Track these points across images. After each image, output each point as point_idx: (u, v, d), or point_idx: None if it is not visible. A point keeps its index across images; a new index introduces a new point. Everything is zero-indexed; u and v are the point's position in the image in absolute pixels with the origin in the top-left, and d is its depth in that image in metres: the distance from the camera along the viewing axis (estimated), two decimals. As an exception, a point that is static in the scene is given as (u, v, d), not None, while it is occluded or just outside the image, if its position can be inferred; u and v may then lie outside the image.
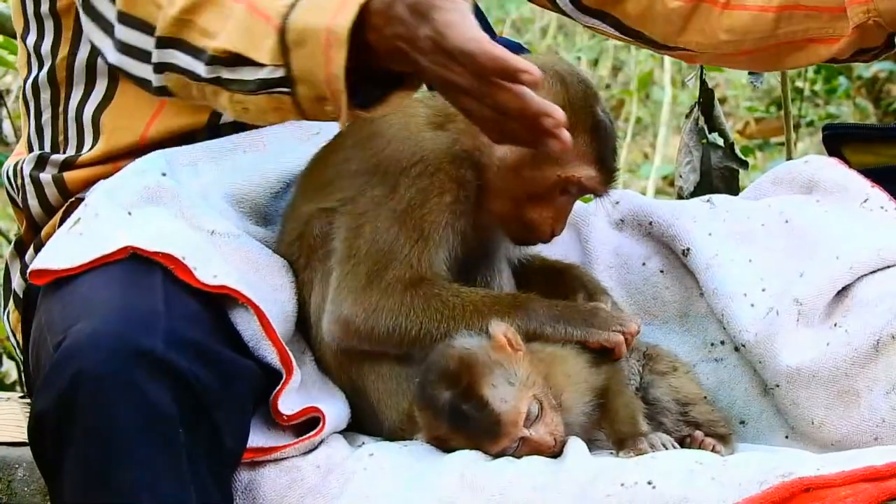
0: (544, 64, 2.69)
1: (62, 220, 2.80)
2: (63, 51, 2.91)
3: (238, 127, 2.87)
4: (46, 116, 2.95)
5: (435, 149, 2.67)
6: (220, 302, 2.51)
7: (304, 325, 2.72)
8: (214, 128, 2.88)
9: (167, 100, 2.81)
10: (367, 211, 2.66)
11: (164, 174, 2.71)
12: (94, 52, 2.86)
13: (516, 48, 3.26)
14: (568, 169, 2.64)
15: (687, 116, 4.07)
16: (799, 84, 7.44)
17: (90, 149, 2.88)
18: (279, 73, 2.38)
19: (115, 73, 2.85)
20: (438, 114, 2.73)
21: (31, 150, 2.99)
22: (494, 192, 2.68)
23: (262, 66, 2.39)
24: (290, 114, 2.44)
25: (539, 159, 2.63)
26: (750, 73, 4.00)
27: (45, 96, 2.95)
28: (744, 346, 2.76)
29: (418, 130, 2.70)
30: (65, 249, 2.53)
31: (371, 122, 2.76)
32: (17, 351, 3.01)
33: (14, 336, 2.99)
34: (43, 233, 2.92)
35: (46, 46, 2.93)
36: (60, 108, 2.93)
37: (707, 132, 4.01)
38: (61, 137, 2.93)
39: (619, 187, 2.85)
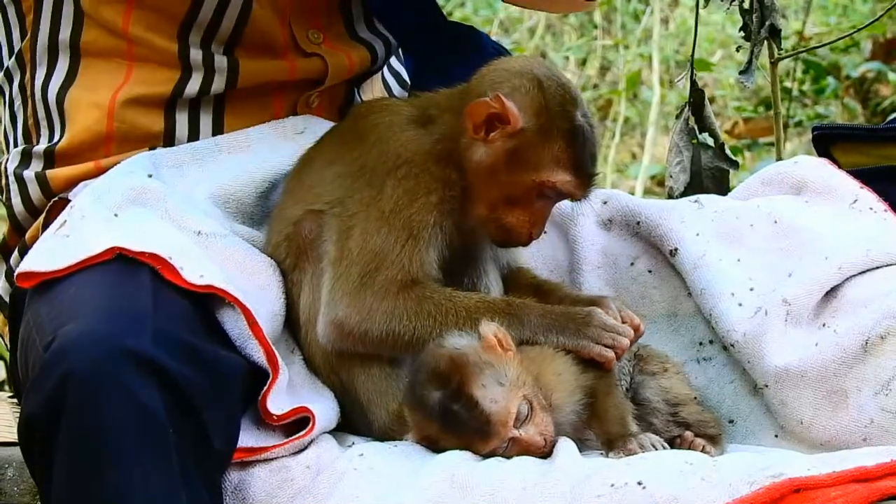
0: (523, 67, 2.68)
1: (45, 222, 2.79)
2: (28, 33, 2.91)
3: (215, 110, 2.88)
4: (18, 102, 2.96)
5: (419, 150, 2.67)
6: (208, 301, 2.51)
7: (292, 326, 2.72)
8: (179, 100, 2.89)
9: (133, 70, 2.82)
10: (356, 213, 2.66)
11: (150, 175, 2.71)
12: (55, 30, 2.87)
13: (501, 51, 3.24)
14: (543, 173, 2.64)
15: (677, 116, 4.06)
16: (787, 84, 7.45)
17: (62, 135, 2.88)
18: None
19: (78, 50, 2.86)
20: (421, 113, 2.73)
21: (7, 142, 2.99)
22: (474, 194, 2.68)
23: None
24: None
25: (514, 163, 2.63)
26: (739, 73, 4.00)
27: (16, 81, 2.96)
28: (732, 345, 2.76)
29: (402, 130, 2.70)
30: (52, 251, 2.52)
31: (356, 122, 2.76)
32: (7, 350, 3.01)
33: (2, 339, 2.99)
34: (27, 235, 2.91)
35: (15, 34, 2.94)
36: (28, 92, 2.93)
37: (697, 132, 4.01)
38: (31, 121, 2.94)
39: (602, 188, 2.85)
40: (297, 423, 2.56)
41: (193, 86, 2.86)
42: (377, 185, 2.66)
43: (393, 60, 3.24)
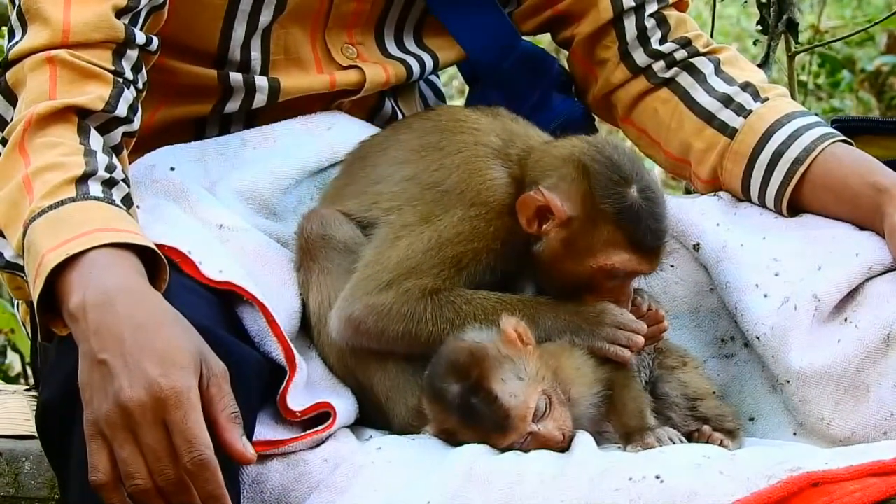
0: (571, 153, 2.64)
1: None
2: None
3: (246, 121, 2.90)
4: None
5: (499, 197, 2.65)
6: (227, 296, 2.51)
7: (306, 325, 2.72)
8: (219, 118, 2.90)
9: (172, 92, 2.84)
10: (409, 224, 2.65)
11: (172, 168, 2.71)
12: None
13: (565, 74, 3.20)
14: (600, 257, 2.61)
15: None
16: (802, 77, 7.43)
17: None
18: (20, 262, 2.40)
19: None
20: (505, 145, 2.70)
21: None
22: (545, 280, 2.68)
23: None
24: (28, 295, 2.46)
25: (571, 251, 2.61)
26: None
27: None
28: (758, 338, 2.73)
29: (487, 167, 2.67)
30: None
31: (441, 132, 2.73)
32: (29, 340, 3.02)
33: (24, 327, 3.00)
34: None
35: None
36: None
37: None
38: None
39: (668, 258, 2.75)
40: (316, 417, 2.57)
41: (233, 105, 2.87)
42: (445, 207, 2.64)
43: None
